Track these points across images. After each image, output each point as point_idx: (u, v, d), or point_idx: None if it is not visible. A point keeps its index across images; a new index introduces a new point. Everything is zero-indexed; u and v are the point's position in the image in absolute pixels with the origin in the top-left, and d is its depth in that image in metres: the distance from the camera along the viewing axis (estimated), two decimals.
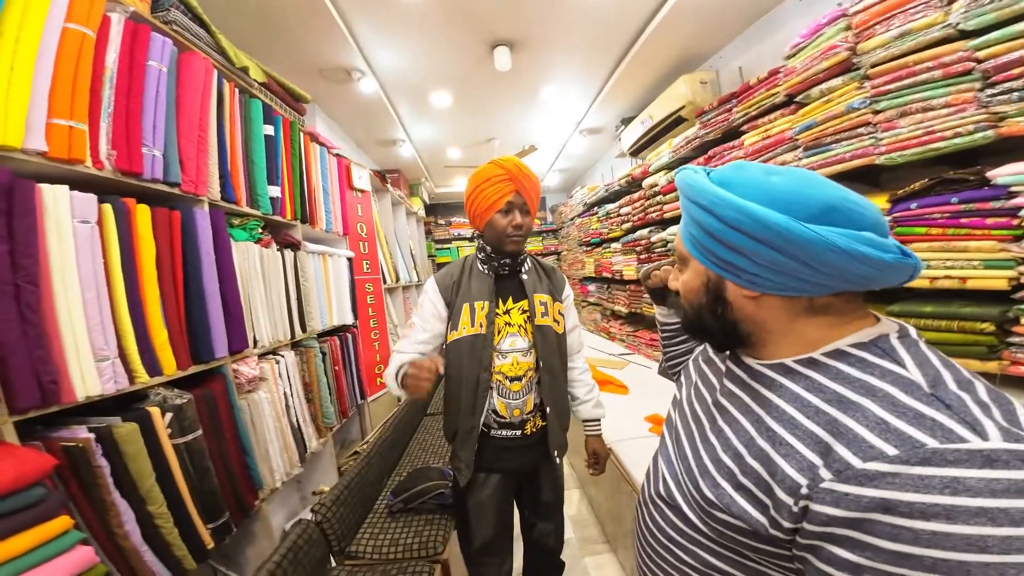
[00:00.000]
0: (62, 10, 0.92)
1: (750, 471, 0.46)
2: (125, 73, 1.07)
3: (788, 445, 0.43)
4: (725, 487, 0.48)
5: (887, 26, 1.26)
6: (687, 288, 0.55)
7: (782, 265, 0.43)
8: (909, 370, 0.40)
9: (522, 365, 1.14)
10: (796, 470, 0.40)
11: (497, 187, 1.09)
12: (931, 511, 0.33)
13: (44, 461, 0.78)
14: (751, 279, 0.46)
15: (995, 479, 0.32)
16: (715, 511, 0.48)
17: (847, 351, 0.44)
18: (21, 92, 0.84)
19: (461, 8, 2.03)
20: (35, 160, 0.88)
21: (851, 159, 1.32)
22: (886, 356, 0.42)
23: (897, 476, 0.34)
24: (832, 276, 0.42)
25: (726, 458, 0.49)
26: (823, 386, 0.43)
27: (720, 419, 0.54)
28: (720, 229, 0.46)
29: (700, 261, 0.51)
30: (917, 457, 0.34)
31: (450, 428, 1.20)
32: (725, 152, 1.89)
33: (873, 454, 0.36)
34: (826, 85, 1.42)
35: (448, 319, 1.17)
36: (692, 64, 2.58)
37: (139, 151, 1.10)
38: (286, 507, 1.87)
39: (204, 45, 1.41)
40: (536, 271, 1.25)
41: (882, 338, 0.44)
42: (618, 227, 3.23)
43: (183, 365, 1.21)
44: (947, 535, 0.32)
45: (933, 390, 0.38)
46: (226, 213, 1.46)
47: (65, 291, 0.91)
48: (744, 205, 0.43)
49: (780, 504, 0.41)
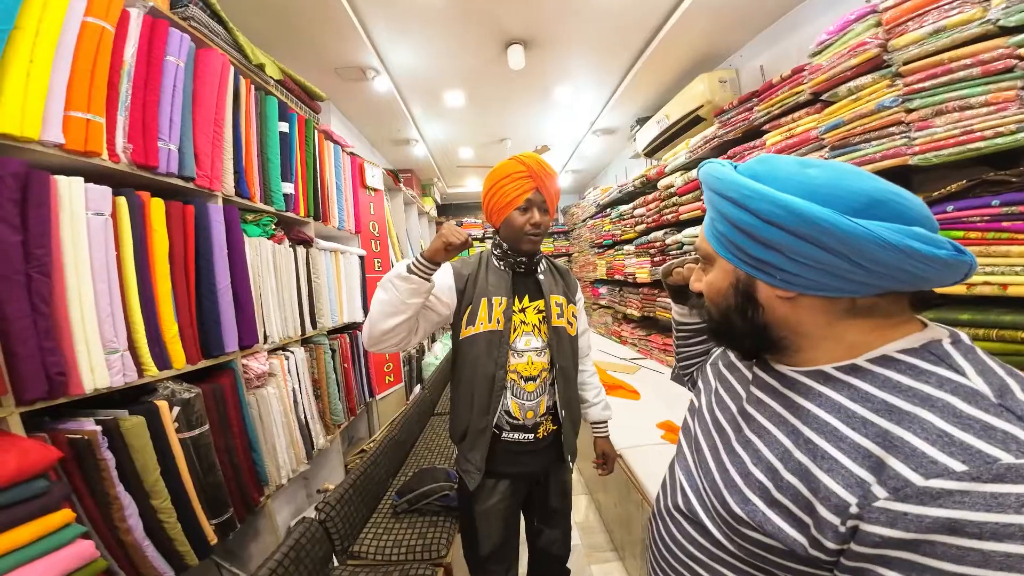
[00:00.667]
0: (82, 4, 0.93)
1: (787, 487, 0.42)
2: (143, 67, 1.08)
3: (832, 459, 0.39)
4: (757, 503, 0.44)
5: (920, 22, 1.20)
6: (713, 289, 0.52)
7: (825, 262, 0.40)
8: (970, 378, 0.37)
9: (536, 365, 1.12)
10: (843, 487, 0.37)
11: (517, 184, 1.07)
12: (1005, 532, 0.30)
13: (48, 453, 0.78)
14: (787, 278, 0.43)
15: None
16: (744, 529, 0.45)
17: (896, 357, 0.41)
18: (40, 84, 0.84)
19: (475, 7, 2.01)
20: (52, 152, 0.89)
21: (882, 159, 1.26)
22: (942, 363, 0.39)
23: (967, 495, 0.31)
24: (879, 275, 0.38)
25: (757, 472, 0.46)
26: (870, 395, 0.40)
27: (747, 429, 0.50)
28: (754, 224, 0.42)
29: (728, 260, 0.48)
30: (990, 473, 0.31)
31: (459, 428, 1.15)
32: (745, 152, 1.84)
33: (936, 470, 0.33)
34: (855, 83, 1.36)
35: (457, 310, 1.13)
36: (710, 63, 2.53)
37: (155, 145, 1.11)
38: (292, 503, 1.87)
39: (221, 42, 1.42)
40: (551, 272, 1.23)
41: (934, 343, 0.41)
42: (632, 229, 3.17)
43: (193, 359, 1.21)
44: (1017, 556, 0.30)
45: (1001, 400, 0.35)
46: (240, 208, 1.46)
47: (77, 283, 0.91)
48: (782, 198, 0.40)
49: (823, 523, 0.38)
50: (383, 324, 0.96)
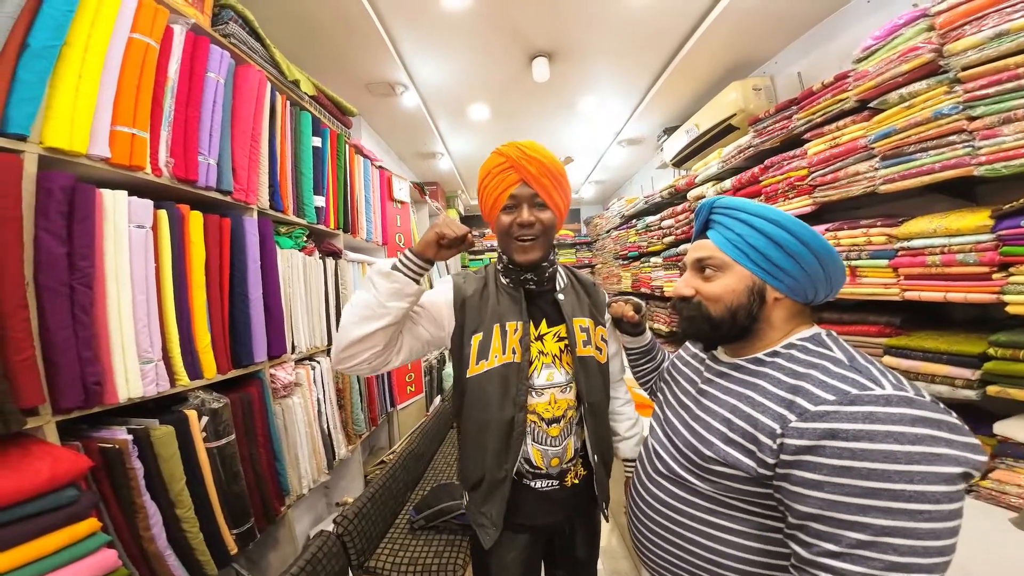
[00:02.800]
0: (128, 20, 0.95)
1: (737, 429, 0.61)
2: (185, 83, 1.11)
3: (763, 405, 0.59)
4: (719, 444, 0.63)
5: (978, 26, 1.12)
6: (726, 291, 0.66)
7: (814, 276, 0.63)
8: (834, 352, 0.60)
9: (560, 403, 0.93)
10: (771, 420, 0.57)
11: (498, 179, 0.88)
12: (859, 434, 0.48)
13: (79, 462, 0.78)
14: (788, 285, 0.64)
15: (891, 412, 0.48)
16: (712, 465, 0.63)
17: (795, 343, 0.64)
18: (88, 99, 0.87)
19: (501, 21, 2.02)
20: (98, 166, 0.91)
21: (941, 170, 1.17)
22: (821, 345, 0.62)
23: (836, 413, 0.51)
24: (828, 287, 0.64)
25: (716, 423, 0.65)
26: (783, 366, 0.61)
27: (704, 401, 0.70)
28: (788, 241, 0.62)
29: (747, 267, 0.65)
30: (846, 399, 0.51)
31: (471, 477, 0.95)
32: (784, 162, 1.76)
33: (819, 400, 0.53)
34: (907, 89, 1.28)
35: (457, 337, 0.93)
36: (743, 70, 2.46)
37: (195, 159, 1.13)
38: (312, 513, 1.86)
39: (259, 58, 1.46)
40: (574, 288, 1.04)
41: (817, 335, 0.64)
42: (659, 240, 3.10)
43: (223, 369, 1.22)
44: (871, 451, 0.47)
45: (851, 363, 0.57)
46: (273, 221, 1.49)
47: (117, 294, 0.93)
48: (808, 227, 0.62)
49: (763, 446, 0.57)
50: (355, 331, 0.77)
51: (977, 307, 1.13)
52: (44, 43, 0.80)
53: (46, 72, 0.81)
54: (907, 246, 1.24)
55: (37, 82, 0.80)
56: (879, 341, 1.33)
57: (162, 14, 1.03)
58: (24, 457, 0.75)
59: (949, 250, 1.13)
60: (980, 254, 1.08)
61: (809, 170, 1.62)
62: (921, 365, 1.18)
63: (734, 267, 0.65)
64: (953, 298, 1.13)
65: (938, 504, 0.44)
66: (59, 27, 0.82)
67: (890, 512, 0.45)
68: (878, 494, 0.46)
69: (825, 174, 1.54)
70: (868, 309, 1.44)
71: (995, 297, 1.05)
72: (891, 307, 1.36)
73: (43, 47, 0.80)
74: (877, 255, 1.33)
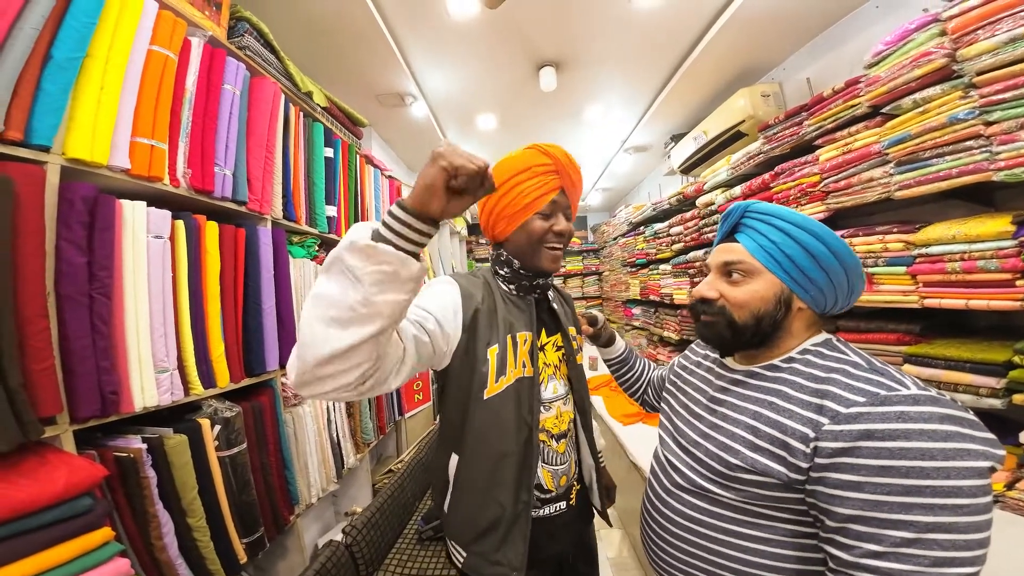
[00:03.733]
0: (147, 32, 0.97)
1: (764, 435, 0.60)
2: (203, 95, 1.13)
3: (791, 411, 0.59)
4: (745, 452, 0.62)
5: (991, 31, 1.11)
6: (754, 297, 0.66)
7: (840, 286, 0.64)
8: (852, 356, 0.61)
9: (564, 416, 0.90)
10: (802, 425, 0.57)
11: (540, 180, 0.82)
12: (894, 433, 0.49)
13: (95, 471, 0.78)
14: (813, 295, 0.65)
15: (921, 411, 0.49)
16: (740, 473, 0.62)
17: (810, 348, 0.65)
18: (109, 111, 0.89)
19: (509, 32, 2.05)
20: (118, 177, 0.93)
21: (959, 175, 1.15)
22: (836, 350, 0.63)
23: (869, 414, 0.52)
24: (849, 298, 0.66)
25: (740, 431, 0.64)
26: (802, 371, 0.62)
27: (721, 410, 0.69)
28: (823, 253, 0.62)
29: (778, 275, 0.65)
30: (877, 400, 0.52)
31: (473, 527, 0.81)
32: (795, 168, 1.75)
33: (850, 403, 0.54)
34: (920, 95, 1.27)
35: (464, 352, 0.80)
36: (751, 77, 2.46)
37: (212, 170, 1.15)
38: (320, 521, 1.85)
39: (273, 70, 1.48)
40: (559, 297, 1.03)
41: (828, 340, 0.66)
42: (668, 248, 3.08)
43: (236, 377, 1.23)
44: (907, 449, 0.48)
45: (869, 365, 0.58)
46: (286, 231, 1.50)
47: (135, 303, 0.93)
48: (844, 243, 0.62)
49: (795, 451, 0.56)
50: (327, 342, 0.50)
51: (1000, 314, 1.10)
52: (67, 55, 0.82)
53: (69, 84, 0.83)
54: (925, 252, 1.22)
55: (60, 93, 0.81)
56: (898, 349, 1.30)
57: (180, 27, 1.05)
58: (41, 466, 0.75)
59: (969, 256, 1.11)
60: (1002, 260, 1.05)
61: (821, 176, 1.61)
62: (943, 374, 1.15)
63: (764, 274, 0.65)
64: (975, 306, 1.11)
65: (975, 497, 0.46)
66: (81, 39, 0.84)
67: (932, 509, 0.46)
68: (920, 491, 0.47)
69: (838, 180, 1.53)
70: (886, 317, 1.41)
71: (1019, 304, 1.03)
72: (910, 314, 1.34)
73: (66, 59, 0.82)
74: (894, 262, 1.31)
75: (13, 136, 0.75)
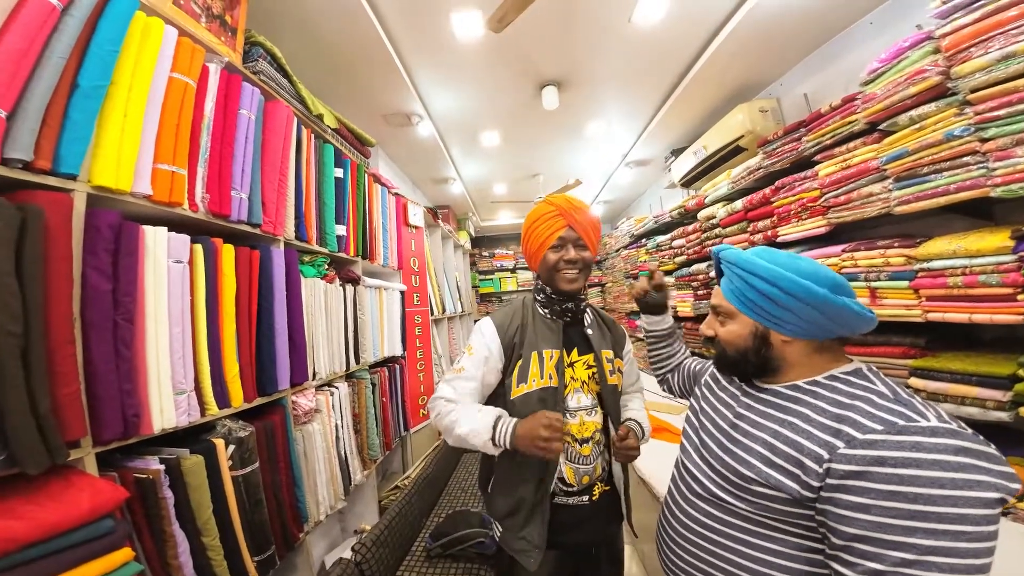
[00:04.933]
0: (168, 60, 1.00)
1: (781, 453, 0.64)
2: (220, 120, 1.16)
3: (809, 432, 0.62)
4: (761, 467, 0.65)
5: (984, 48, 1.14)
6: (735, 336, 0.74)
7: (815, 320, 0.66)
8: (878, 386, 0.62)
9: (588, 425, 1.04)
10: (818, 446, 0.60)
11: (548, 223, 1.05)
12: (907, 462, 0.52)
13: (118, 493, 0.79)
14: (792, 329, 0.68)
15: (936, 442, 0.52)
16: (754, 486, 0.65)
17: (838, 375, 0.67)
18: (132, 138, 0.91)
19: (512, 53, 2.11)
20: (141, 203, 0.95)
21: (957, 191, 1.18)
22: (864, 379, 0.65)
23: (884, 442, 0.54)
24: (841, 327, 0.66)
25: (757, 446, 0.68)
26: (826, 396, 0.65)
27: (743, 425, 0.73)
28: (779, 295, 0.66)
29: (750, 316, 0.72)
30: (894, 430, 0.55)
31: (506, 504, 1.03)
32: (795, 183, 1.78)
33: (867, 430, 0.56)
34: (916, 112, 1.30)
35: (505, 369, 1.05)
36: (749, 92, 2.51)
37: (228, 194, 1.17)
38: (327, 538, 1.84)
39: (286, 94, 1.52)
40: (599, 325, 1.17)
41: (858, 370, 0.67)
42: (670, 260, 3.11)
43: (249, 397, 1.24)
44: (918, 477, 0.51)
45: (894, 396, 0.60)
46: (298, 251, 1.53)
47: (156, 327, 0.95)
48: (801, 281, 0.64)
49: (809, 470, 0.59)
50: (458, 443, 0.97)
51: (1005, 327, 1.11)
52: (93, 83, 0.84)
53: (95, 111, 0.85)
54: (927, 267, 1.24)
55: (86, 122, 0.83)
56: (904, 363, 1.31)
57: (199, 53, 1.08)
58: (66, 488, 0.77)
59: (971, 271, 1.13)
60: (1003, 275, 1.07)
61: (821, 191, 1.64)
62: (949, 387, 1.16)
63: (739, 315, 0.73)
64: (979, 319, 1.12)
65: (978, 526, 0.48)
66: (106, 67, 0.86)
67: (935, 533, 0.49)
68: (925, 516, 0.49)
69: (838, 195, 1.56)
70: (891, 330, 1.42)
71: (1022, 318, 1.04)
72: (914, 328, 1.35)
73: (92, 87, 0.84)
74: (897, 276, 1.33)
75: (42, 165, 0.77)
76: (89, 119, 0.84)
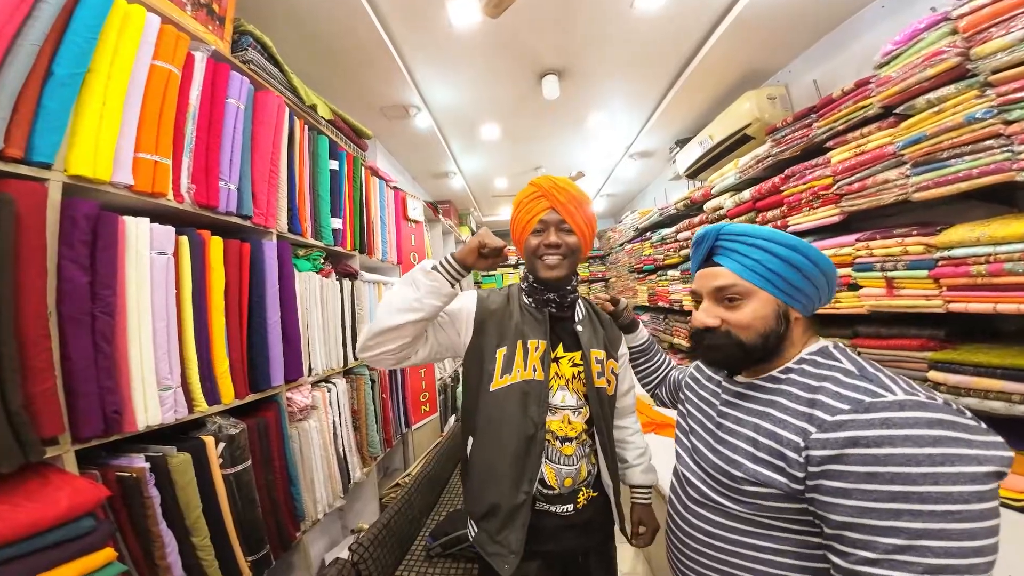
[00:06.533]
0: (150, 47, 0.97)
1: (763, 447, 0.62)
2: (206, 110, 1.13)
3: (785, 421, 0.60)
4: (747, 464, 0.63)
5: (1006, 28, 1.08)
6: (756, 318, 0.66)
7: (820, 291, 0.66)
8: (844, 363, 0.61)
9: (574, 425, 0.96)
10: (794, 434, 0.58)
11: (529, 206, 0.97)
12: (879, 440, 0.49)
13: (98, 492, 0.77)
14: (804, 303, 0.66)
15: (906, 416, 0.49)
16: (744, 486, 0.63)
17: (806, 357, 0.66)
18: (111, 126, 0.88)
19: (510, 41, 2.05)
20: (121, 193, 0.92)
21: (980, 176, 1.11)
22: (831, 358, 0.63)
23: (853, 421, 0.52)
24: (827, 298, 0.68)
25: (742, 444, 0.66)
26: (797, 381, 0.63)
27: (727, 423, 0.71)
28: (804, 263, 0.64)
29: (772, 292, 0.66)
30: (862, 407, 0.53)
31: (481, 503, 0.94)
32: (806, 171, 1.71)
33: (835, 411, 0.55)
34: (934, 95, 1.24)
35: (474, 351, 0.97)
36: (756, 80, 2.44)
37: (216, 185, 1.14)
38: (326, 537, 1.82)
39: (277, 84, 1.48)
40: (592, 321, 1.08)
41: (824, 348, 0.66)
42: (675, 253, 3.05)
43: (241, 394, 1.21)
44: (892, 455, 0.48)
45: (860, 372, 0.58)
46: (291, 244, 1.49)
47: (138, 321, 0.92)
48: (820, 253, 0.65)
49: (790, 461, 0.57)
50: (390, 319, 0.83)
51: None
52: (68, 71, 0.81)
53: (70, 100, 0.82)
54: (948, 255, 1.18)
55: (62, 110, 0.80)
56: (922, 355, 1.25)
57: (183, 41, 1.05)
58: (43, 487, 0.74)
59: (996, 259, 1.07)
60: None
61: (834, 179, 1.57)
62: (972, 380, 1.10)
63: (758, 293, 0.66)
64: (1004, 309, 1.06)
65: (967, 504, 0.44)
66: (83, 54, 0.83)
67: (920, 515, 0.46)
68: (907, 497, 0.47)
69: (852, 182, 1.49)
70: (907, 322, 1.37)
71: None
72: (931, 319, 1.29)
73: (68, 75, 0.81)
74: (915, 265, 1.27)
75: (13, 154, 0.74)
76: (65, 107, 0.81)
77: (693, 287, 0.76)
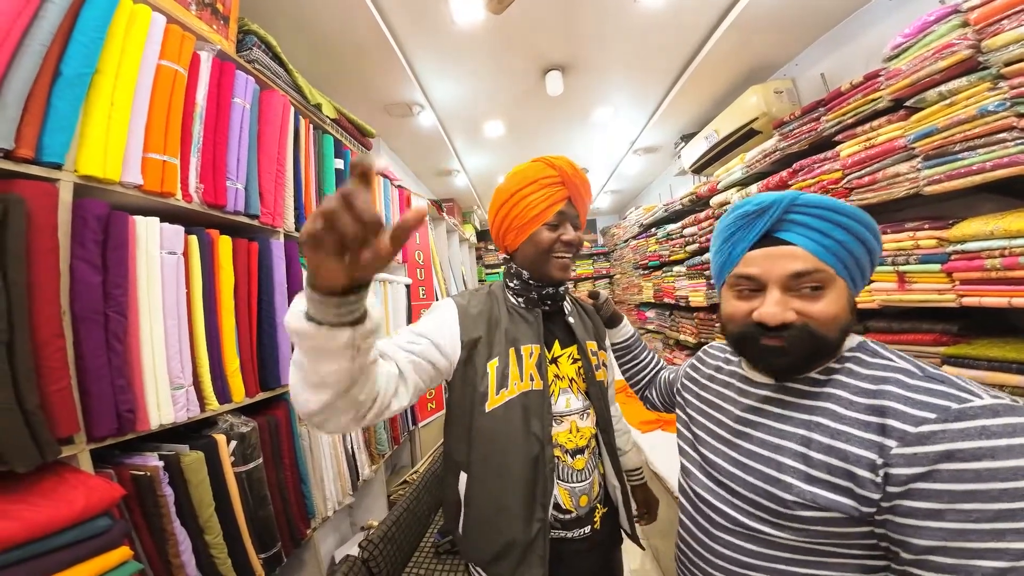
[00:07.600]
0: (156, 47, 0.97)
1: (819, 464, 0.52)
2: (213, 109, 1.12)
3: (847, 434, 0.51)
4: (800, 485, 0.53)
5: (1018, 20, 1.07)
6: (841, 309, 0.55)
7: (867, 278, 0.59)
8: (897, 361, 0.53)
9: (583, 432, 0.86)
10: (864, 449, 0.49)
11: (546, 192, 0.82)
12: (979, 453, 0.43)
13: (113, 491, 0.77)
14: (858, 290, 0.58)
15: (1004, 424, 0.43)
16: (800, 511, 0.53)
17: (849, 355, 0.57)
18: (120, 127, 0.88)
19: (514, 37, 2.04)
20: (131, 193, 0.92)
21: (993, 169, 1.10)
22: (876, 355, 0.55)
23: (944, 432, 0.45)
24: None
25: (789, 461, 0.55)
26: (847, 384, 0.54)
27: (756, 434, 0.60)
28: (876, 250, 0.57)
29: (845, 279, 0.56)
30: (951, 416, 0.45)
31: (488, 547, 0.79)
32: (815, 165, 1.70)
33: (918, 420, 0.47)
34: (946, 87, 1.23)
35: (466, 369, 0.82)
36: (762, 74, 2.42)
37: (223, 184, 1.14)
38: (336, 534, 1.83)
39: (282, 83, 1.48)
40: (578, 311, 1.00)
41: (863, 344, 0.58)
42: (681, 249, 3.03)
43: (251, 392, 1.21)
44: (996, 469, 0.42)
45: (923, 372, 0.51)
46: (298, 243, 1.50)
47: (150, 321, 0.92)
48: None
49: (863, 481, 0.49)
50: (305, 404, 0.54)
51: None
52: (77, 71, 0.81)
53: (79, 100, 0.82)
54: (961, 249, 1.17)
55: (71, 110, 0.80)
56: (936, 350, 1.24)
57: (189, 41, 1.05)
58: (59, 486, 0.75)
59: (1011, 252, 1.06)
60: None
61: (844, 172, 1.56)
62: (987, 375, 1.09)
63: (836, 280, 0.55)
64: (1020, 303, 1.05)
65: None
66: (90, 54, 0.83)
67: None
68: (1012, 516, 0.41)
69: (862, 176, 1.48)
70: (919, 316, 1.35)
71: None
72: (944, 314, 1.28)
73: (76, 75, 0.81)
74: (928, 259, 1.26)
75: (24, 154, 0.74)
76: (74, 107, 0.81)
77: (748, 271, 0.59)
